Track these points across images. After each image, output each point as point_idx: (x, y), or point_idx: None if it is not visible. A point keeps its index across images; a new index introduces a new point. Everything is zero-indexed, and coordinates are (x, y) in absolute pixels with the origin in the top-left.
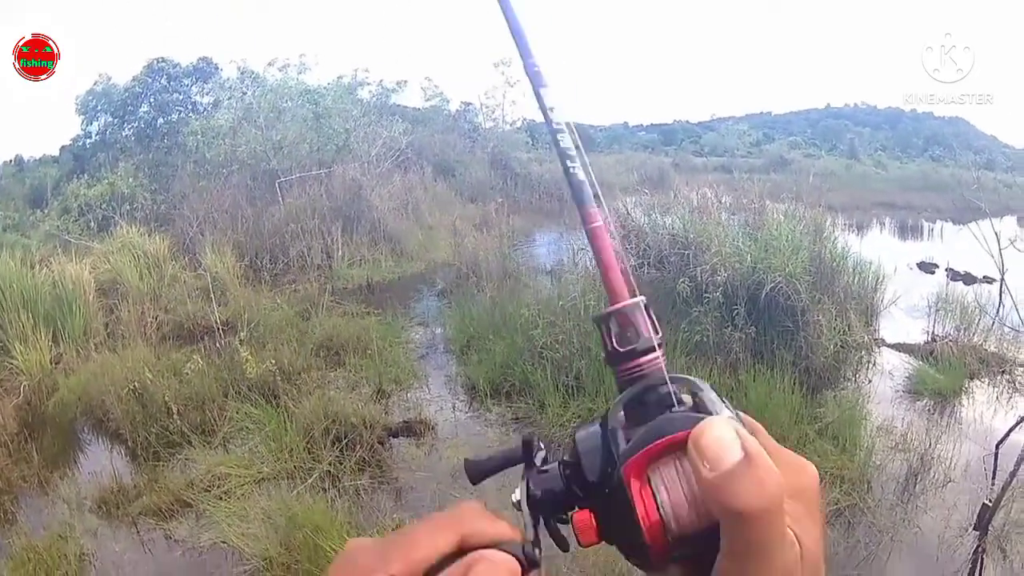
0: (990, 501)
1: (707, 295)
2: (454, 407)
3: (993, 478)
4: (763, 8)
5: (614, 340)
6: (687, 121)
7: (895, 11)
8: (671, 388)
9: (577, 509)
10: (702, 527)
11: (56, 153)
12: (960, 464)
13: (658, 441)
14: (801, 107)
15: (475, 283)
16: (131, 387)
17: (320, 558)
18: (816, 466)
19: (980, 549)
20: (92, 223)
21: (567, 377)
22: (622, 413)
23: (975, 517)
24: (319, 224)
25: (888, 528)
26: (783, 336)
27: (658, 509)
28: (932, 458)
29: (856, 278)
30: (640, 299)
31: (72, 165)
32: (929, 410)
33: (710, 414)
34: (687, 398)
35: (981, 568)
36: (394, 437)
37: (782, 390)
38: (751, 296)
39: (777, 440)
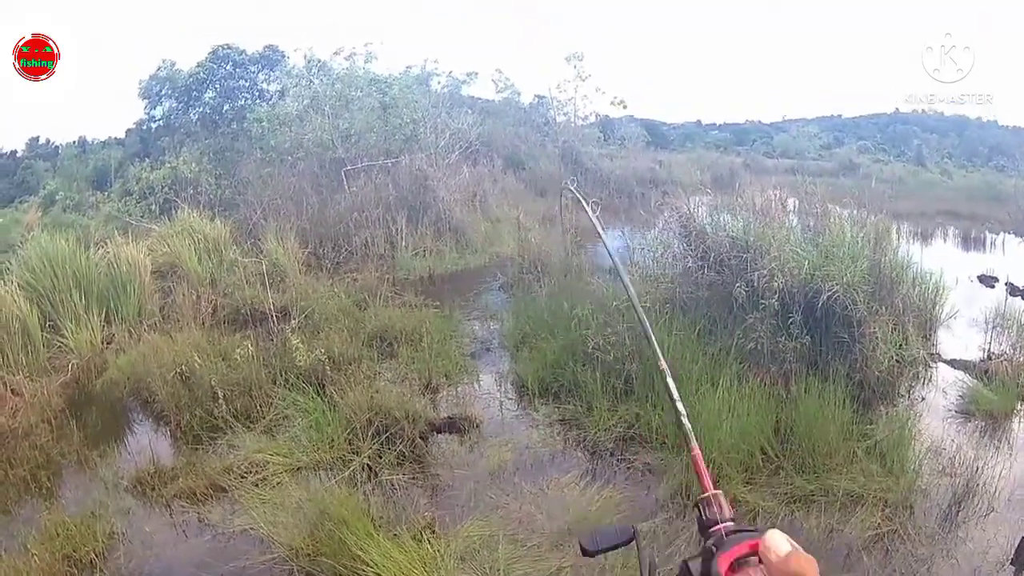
0: None
1: (763, 301)
2: (501, 405)
3: None
4: (835, 10)
5: (704, 515)
6: (759, 121)
7: (964, 19)
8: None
9: None
10: None
11: (122, 135)
12: (1005, 492)
13: (741, 544)
14: (870, 111)
15: (536, 278)
16: (178, 370)
17: (342, 553)
18: (860, 487)
19: None
20: (154, 206)
21: (617, 380)
22: (712, 546)
23: (1013, 551)
24: (383, 213)
25: (926, 559)
26: (838, 348)
27: None
28: (977, 485)
29: (916, 289)
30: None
31: (138, 147)
32: (979, 432)
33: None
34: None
35: None
36: (438, 432)
37: (834, 404)
38: (808, 304)
39: (824, 457)
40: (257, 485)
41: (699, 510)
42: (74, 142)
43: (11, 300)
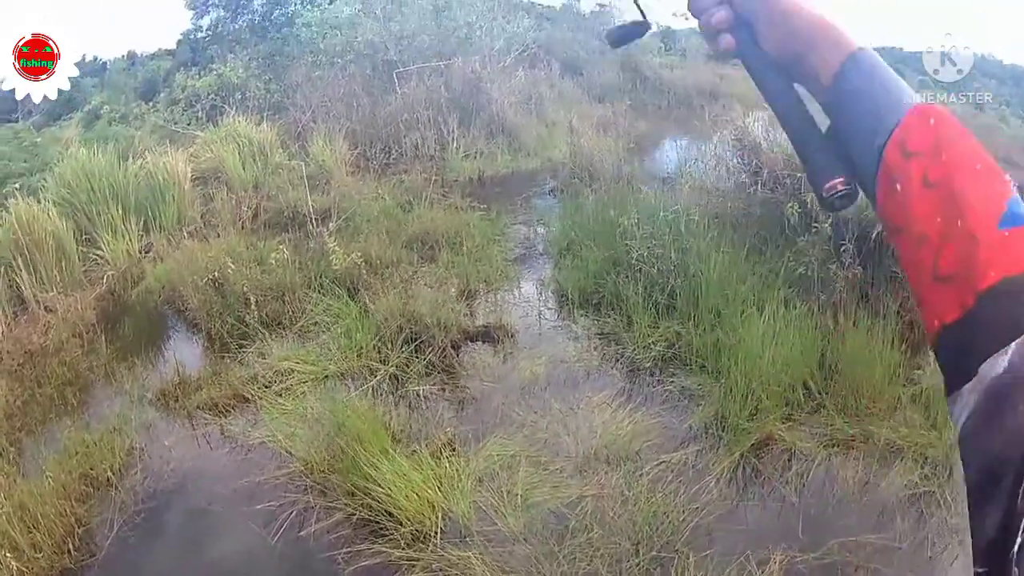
0: None
1: (816, 225)
2: (540, 314)
3: None
4: None
5: None
6: None
7: None
8: None
9: None
10: None
11: (172, 47)
12: None
13: None
14: (929, 47)
15: (586, 184)
16: (211, 276)
17: (355, 470)
18: (901, 438)
19: None
20: (200, 113)
21: (660, 295)
22: None
23: None
24: (435, 115)
25: (959, 530)
26: (890, 282)
27: None
28: None
29: None
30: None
31: (188, 57)
32: None
33: None
34: None
35: None
36: (471, 342)
37: (882, 342)
38: (862, 233)
39: (869, 400)
40: (281, 395)
41: None
42: (123, 56)
43: (45, 217)
